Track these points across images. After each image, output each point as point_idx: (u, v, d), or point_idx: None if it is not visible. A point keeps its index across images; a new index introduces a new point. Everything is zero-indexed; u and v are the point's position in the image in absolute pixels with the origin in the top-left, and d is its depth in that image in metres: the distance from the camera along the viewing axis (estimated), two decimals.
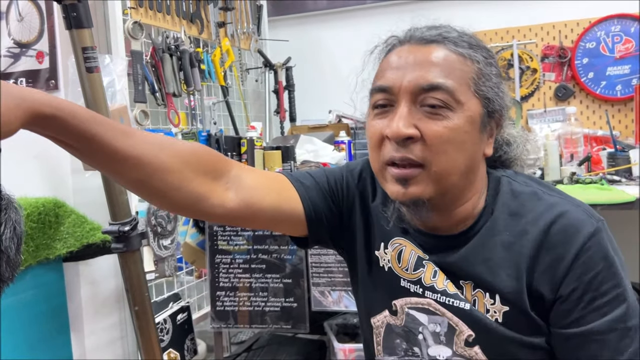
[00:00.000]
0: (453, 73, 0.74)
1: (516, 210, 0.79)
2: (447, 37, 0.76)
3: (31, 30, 1.69)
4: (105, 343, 1.77)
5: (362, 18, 2.58)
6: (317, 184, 0.90)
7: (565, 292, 0.73)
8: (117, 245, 1.21)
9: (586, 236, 0.73)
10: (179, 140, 0.81)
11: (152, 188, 0.71)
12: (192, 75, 1.91)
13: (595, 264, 0.72)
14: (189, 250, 1.83)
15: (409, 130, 0.72)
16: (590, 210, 0.78)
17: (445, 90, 0.73)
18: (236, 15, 2.33)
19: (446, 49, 0.76)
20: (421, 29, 0.79)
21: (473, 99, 0.75)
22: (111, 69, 1.54)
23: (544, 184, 0.83)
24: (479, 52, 0.77)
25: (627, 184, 1.62)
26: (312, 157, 1.95)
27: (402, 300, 0.85)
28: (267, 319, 1.67)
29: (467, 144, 0.75)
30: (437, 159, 0.73)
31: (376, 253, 0.89)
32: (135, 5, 1.75)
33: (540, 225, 0.75)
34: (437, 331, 0.83)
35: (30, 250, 1.47)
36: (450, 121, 0.73)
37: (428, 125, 0.73)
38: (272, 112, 2.56)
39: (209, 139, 1.97)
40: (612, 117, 2.20)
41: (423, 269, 0.83)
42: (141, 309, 1.25)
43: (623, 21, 2.17)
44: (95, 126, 0.63)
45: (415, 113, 0.74)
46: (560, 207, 0.76)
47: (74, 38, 1.12)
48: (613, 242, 0.76)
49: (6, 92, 0.56)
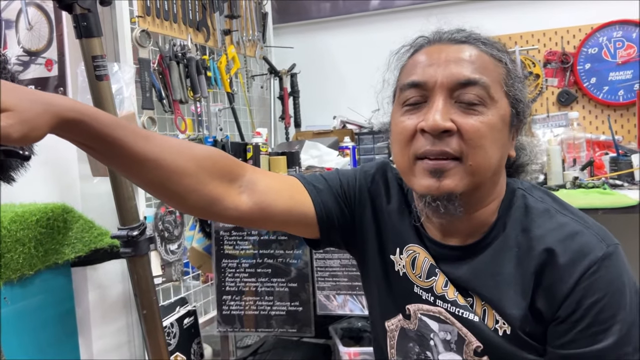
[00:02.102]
0: (487, 71, 0.75)
1: (526, 226, 0.78)
2: (477, 38, 0.78)
3: (40, 38, 1.72)
4: (112, 347, 1.78)
5: (365, 25, 2.61)
6: (329, 187, 0.91)
7: (563, 314, 0.72)
8: (125, 250, 1.22)
9: (592, 260, 0.71)
10: (196, 144, 0.83)
11: (168, 190, 0.73)
12: (199, 82, 1.93)
13: (597, 290, 0.71)
14: (195, 254, 1.85)
15: (447, 123, 0.72)
16: (603, 234, 0.75)
17: (482, 86, 0.74)
18: (242, 23, 2.36)
19: (478, 48, 0.77)
20: (449, 31, 0.80)
21: (504, 98, 0.76)
22: (119, 76, 1.57)
23: (559, 201, 0.81)
24: (506, 56, 0.79)
25: (630, 188, 1.63)
26: (317, 162, 1.97)
27: (415, 305, 0.86)
28: (273, 322, 1.68)
29: (500, 141, 0.76)
30: (474, 153, 0.73)
31: (391, 257, 0.89)
32: (143, 14, 1.78)
33: (547, 244, 0.74)
34: (448, 339, 0.83)
35: (39, 255, 1.49)
36: (486, 117, 0.74)
37: (465, 120, 0.73)
38: (277, 118, 2.58)
39: (215, 145, 1.99)
40: (614, 122, 2.21)
41: (435, 277, 0.83)
42: (149, 312, 1.26)
43: (625, 27, 2.18)
44: (117, 130, 0.65)
45: (451, 107, 0.74)
46: (571, 228, 0.75)
47: (84, 47, 1.15)
48: (623, 268, 0.73)
49: (34, 98, 0.58)
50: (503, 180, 0.82)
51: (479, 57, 0.76)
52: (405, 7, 2.51)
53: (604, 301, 0.70)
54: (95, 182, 1.61)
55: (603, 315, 0.70)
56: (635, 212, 1.40)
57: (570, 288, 0.72)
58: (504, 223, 0.79)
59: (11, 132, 0.54)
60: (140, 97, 1.74)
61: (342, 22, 2.65)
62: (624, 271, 0.73)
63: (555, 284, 0.73)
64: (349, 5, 2.60)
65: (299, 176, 0.91)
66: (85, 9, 1.11)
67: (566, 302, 0.72)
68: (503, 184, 0.82)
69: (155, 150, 0.69)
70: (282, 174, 0.92)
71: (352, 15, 2.61)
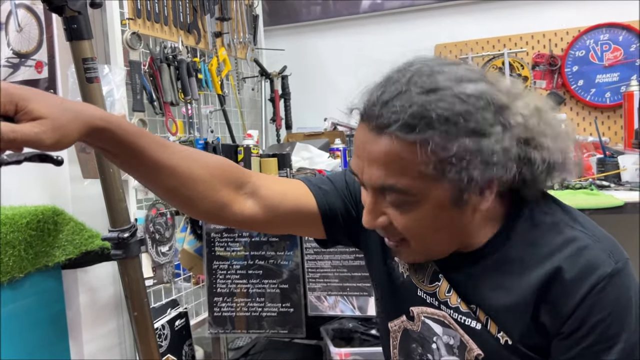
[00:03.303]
0: (405, 169, 0.68)
1: (534, 240, 0.75)
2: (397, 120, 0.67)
3: (30, 40, 1.72)
4: (103, 349, 1.78)
5: (355, 27, 2.62)
6: (335, 188, 0.92)
7: (567, 331, 0.71)
8: (116, 252, 1.22)
9: (600, 277, 0.70)
10: (207, 153, 0.89)
11: (182, 196, 0.77)
12: (190, 85, 1.94)
13: (603, 307, 0.69)
14: (186, 256, 1.85)
15: (377, 222, 0.75)
16: (614, 249, 0.73)
17: (398, 191, 0.70)
18: (232, 26, 2.37)
19: (395, 140, 0.67)
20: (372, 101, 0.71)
21: (437, 185, 0.69)
22: (110, 78, 1.57)
23: (569, 211, 0.79)
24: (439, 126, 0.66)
25: (616, 189, 1.65)
26: (308, 164, 1.97)
27: (419, 308, 0.86)
28: (264, 324, 1.69)
29: (442, 224, 0.74)
30: (415, 240, 0.75)
31: (396, 259, 0.90)
32: (134, 16, 1.78)
33: (555, 262, 0.72)
34: (451, 344, 0.83)
35: (30, 257, 1.48)
36: (416, 212, 0.71)
37: (395, 216, 0.74)
38: (268, 120, 2.59)
39: (206, 147, 1.99)
40: (601, 123, 2.24)
41: (438, 282, 0.83)
42: (140, 314, 1.26)
43: (611, 30, 2.21)
44: (139, 138, 0.69)
45: (383, 200, 0.74)
46: (579, 243, 0.73)
47: (75, 49, 1.15)
48: (631, 285, 0.72)
49: (66, 107, 0.61)
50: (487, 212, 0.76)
51: (398, 153, 0.67)
52: (395, 9, 2.52)
53: (609, 319, 0.69)
54: (85, 184, 1.61)
55: (608, 333, 0.69)
56: (621, 213, 1.42)
57: (575, 304, 0.70)
58: (508, 234, 0.77)
59: (44, 138, 0.58)
60: (131, 99, 1.74)
61: (332, 24, 2.66)
62: (631, 288, 0.72)
63: (560, 299, 0.72)
64: (340, 8, 2.61)
65: (305, 179, 0.93)
66: (75, 12, 1.10)
67: (571, 318, 0.71)
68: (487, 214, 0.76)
69: (172, 157, 0.74)
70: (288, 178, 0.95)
71: (343, 17, 2.62)
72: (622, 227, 1.97)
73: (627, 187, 1.66)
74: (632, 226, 2.00)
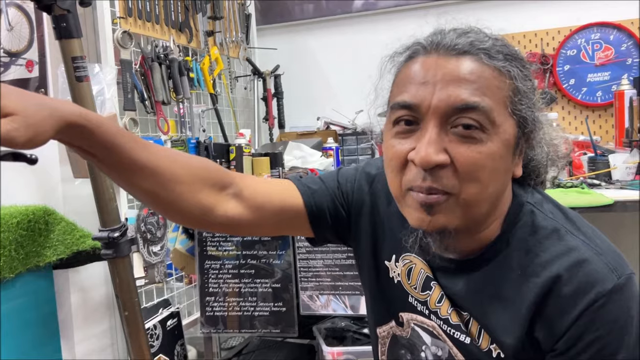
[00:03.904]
0: (489, 90, 0.66)
1: (533, 246, 0.71)
2: (481, 47, 0.68)
3: (21, 39, 1.71)
4: (95, 350, 1.77)
5: (348, 26, 2.62)
6: (325, 187, 0.89)
7: (562, 348, 0.67)
8: (106, 252, 1.22)
9: (600, 293, 0.65)
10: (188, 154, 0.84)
11: (163, 198, 0.73)
12: (181, 84, 1.93)
13: (601, 325, 0.65)
14: (178, 256, 1.85)
15: (439, 157, 0.65)
16: (617, 262, 0.68)
17: (482, 110, 0.65)
18: (225, 24, 2.36)
19: (480, 62, 0.67)
20: (450, 34, 0.70)
21: (509, 119, 0.67)
22: (101, 77, 1.56)
23: (572, 218, 0.74)
24: (515, 65, 0.68)
25: (607, 188, 1.66)
26: (300, 163, 1.97)
27: (409, 314, 0.84)
28: (257, 323, 1.69)
29: (500, 170, 0.68)
30: (468, 187, 0.66)
31: (386, 263, 0.86)
32: (125, 15, 1.77)
33: (553, 271, 0.68)
34: (439, 354, 0.81)
35: (20, 257, 1.48)
36: (485, 146, 0.66)
37: (460, 151, 0.66)
38: (261, 119, 2.59)
39: (198, 146, 1.99)
40: (593, 122, 2.25)
41: (430, 291, 0.80)
42: (131, 314, 1.26)
43: (602, 29, 2.22)
44: (118, 137, 0.66)
45: (446, 135, 0.66)
46: (580, 254, 0.68)
47: (64, 48, 1.14)
48: (632, 303, 0.67)
49: (40, 102, 0.58)
50: (507, 197, 0.75)
51: (482, 73, 0.66)
52: (388, 8, 2.52)
53: (607, 339, 0.65)
54: (76, 183, 1.60)
55: (603, 352, 0.65)
56: (611, 211, 1.43)
57: (572, 321, 0.66)
58: (507, 240, 0.73)
59: (16, 136, 0.54)
60: (122, 98, 1.73)
61: (325, 23, 2.66)
62: (632, 307, 0.67)
63: (556, 315, 0.68)
64: (332, 7, 2.61)
65: (294, 178, 0.90)
66: (64, 10, 1.10)
67: (566, 335, 0.67)
68: (507, 200, 0.75)
69: (151, 157, 0.70)
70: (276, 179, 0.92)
71: (336, 16, 2.62)
72: (610, 225, 1.99)
73: (618, 185, 1.67)
74: (622, 224, 2.02)
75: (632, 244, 1.94)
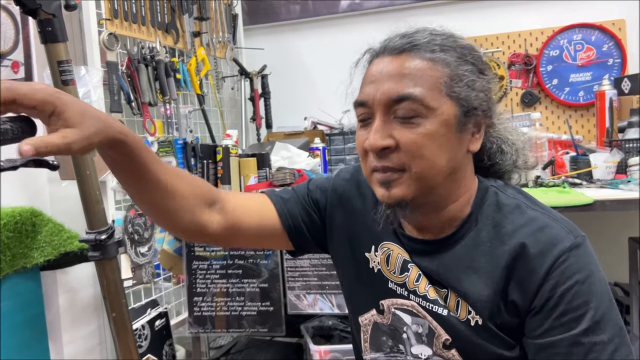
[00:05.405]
0: (423, 79, 0.77)
1: (499, 221, 0.81)
2: (417, 43, 0.79)
3: (6, 40, 1.71)
4: (83, 351, 1.78)
5: (334, 27, 2.64)
6: (297, 196, 0.98)
7: (538, 304, 0.76)
8: (94, 254, 1.23)
9: (562, 250, 0.75)
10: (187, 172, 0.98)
11: (165, 208, 0.83)
12: (168, 85, 1.94)
13: (568, 277, 0.74)
14: (166, 257, 1.86)
15: (384, 142, 0.77)
16: (571, 227, 0.79)
17: (415, 99, 0.76)
18: (211, 25, 2.37)
19: (416, 56, 0.78)
20: (395, 37, 0.81)
21: (447, 102, 0.77)
22: (87, 80, 1.57)
23: (530, 198, 0.85)
24: (451, 54, 0.79)
25: (588, 187, 1.69)
26: (287, 163, 1.99)
27: (389, 300, 0.90)
28: (244, 323, 1.70)
29: (444, 146, 0.78)
30: (416, 163, 0.77)
31: (366, 255, 0.93)
32: (111, 17, 1.77)
33: (518, 238, 0.78)
34: (419, 332, 0.87)
35: (7, 259, 1.48)
36: (423, 127, 0.76)
37: (403, 134, 0.77)
38: (248, 119, 2.60)
39: (185, 147, 2.00)
40: (575, 122, 2.29)
41: (408, 272, 0.87)
42: (119, 315, 1.27)
43: (584, 30, 2.26)
44: (144, 152, 0.75)
45: (390, 123, 0.78)
46: (540, 222, 0.79)
47: (49, 52, 1.15)
48: (591, 259, 0.77)
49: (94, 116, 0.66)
50: (470, 176, 0.85)
51: (416, 65, 0.78)
52: (373, 9, 2.54)
53: (575, 288, 0.74)
54: (64, 185, 1.61)
55: (576, 302, 0.73)
56: (591, 210, 1.46)
57: (542, 278, 0.75)
58: (476, 218, 0.83)
59: (74, 148, 0.63)
60: (109, 100, 1.73)
61: (312, 24, 2.67)
62: (591, 261, 0.77)
63: (527, 275, 0.76)
64: (319, 7, 2.63)
65: (269, 191, 1.00)
66: (49, 14, 1.11)
67: (539, 292, 0.75)
68: (470, 179, 0.85)
69: (162, 171, 0.79)
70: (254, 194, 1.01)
71: (322, 17, 2.64)
72: (590, 224, 2.02)
73: (598, 184, 1.70)
74: (606, 222, 2.06)
75: None
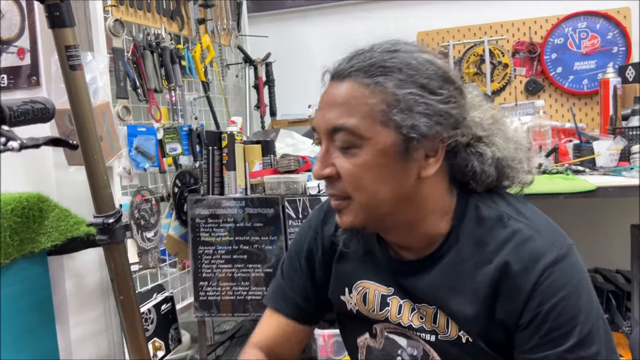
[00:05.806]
0: (357, 109, 0.73)
1: (481, 238, 0.78)
2: (359, 68, 0.75)
3: (12, 27, 1.71)
4: (90, 334, 1.80)
5: (339, 14, 2.63)
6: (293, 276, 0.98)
7: (525, 321, 0.74)
8: (101, 237, 1.24)
9: (545, 265, 0.73)
10: None
11: None
12: (173, 71, 1.94)
13: (553, 294, 0.72)
14: (172, 242, 1.88)
15: (323, 172, 0.77)
16: (555, 236, 0.77)
17: (346, 130, 0.74)
18: (216, 12, 2.37)
19: (355, 82, 0.74)
20: (342, 61, 0.78)
21: (382, 130, 0.73)
22: (93, 66, 1.58)
23: (512, 203, 0.82)
24: (393, 76, 0.73)
25: (591, 174, 1.70)
26: (292, 150, 2.00)
27: (382, 324, 0.89)
28: (249, 307, 1.72)
29: (384, 175, 0.75)
30: (356, 193, 0.76)
31: (342, 298, 0.92)
32: (116, 3, 1.78)
33: (502, 255, 0.75)
34: (415, 354, 0.86)
35: (15, 244, 1.50)
36: (359, 158, 0.74)
37: (342, 163, 0.76)
38: (252, 107, 2.60)
39: (190, 133, 2.01)
40: (579, 110, 2.29)
41: (388, 307, 0.86)
42: (126, 298, 1.29)
43: (589, 18, 2.25)
44: None
45: (333, 151, 0.77)
46: (522, 235, 0.76)
47: (57, 37, 1.15)
48: (576, 269, 0.75)
49: None
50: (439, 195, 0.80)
51: (352, 94, 0.74)
52: None
53: (561, 305, 0.72)
54: (70, 170, 1.62)
55: (562, 318, 0.72)
56: (594, 197, 1.47)
57: (527, 295, 0.73)
58: (457, 235, 0.80)
59: None
60: (115, 86, 1.74)
61: (316, 11, 2.67)
62: (577, 272, 0.75)
63: (512, 293, 0.75)
64: None
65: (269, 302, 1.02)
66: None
67: (525, 309, 0.74)
68: (440, 198, 0.80)
69: None
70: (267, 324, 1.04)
71: (327, 4, 2.63)
72: (593, 210, 2.04)
73: (601, 171, 1.70)
74: (608, 209, 2.07)
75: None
